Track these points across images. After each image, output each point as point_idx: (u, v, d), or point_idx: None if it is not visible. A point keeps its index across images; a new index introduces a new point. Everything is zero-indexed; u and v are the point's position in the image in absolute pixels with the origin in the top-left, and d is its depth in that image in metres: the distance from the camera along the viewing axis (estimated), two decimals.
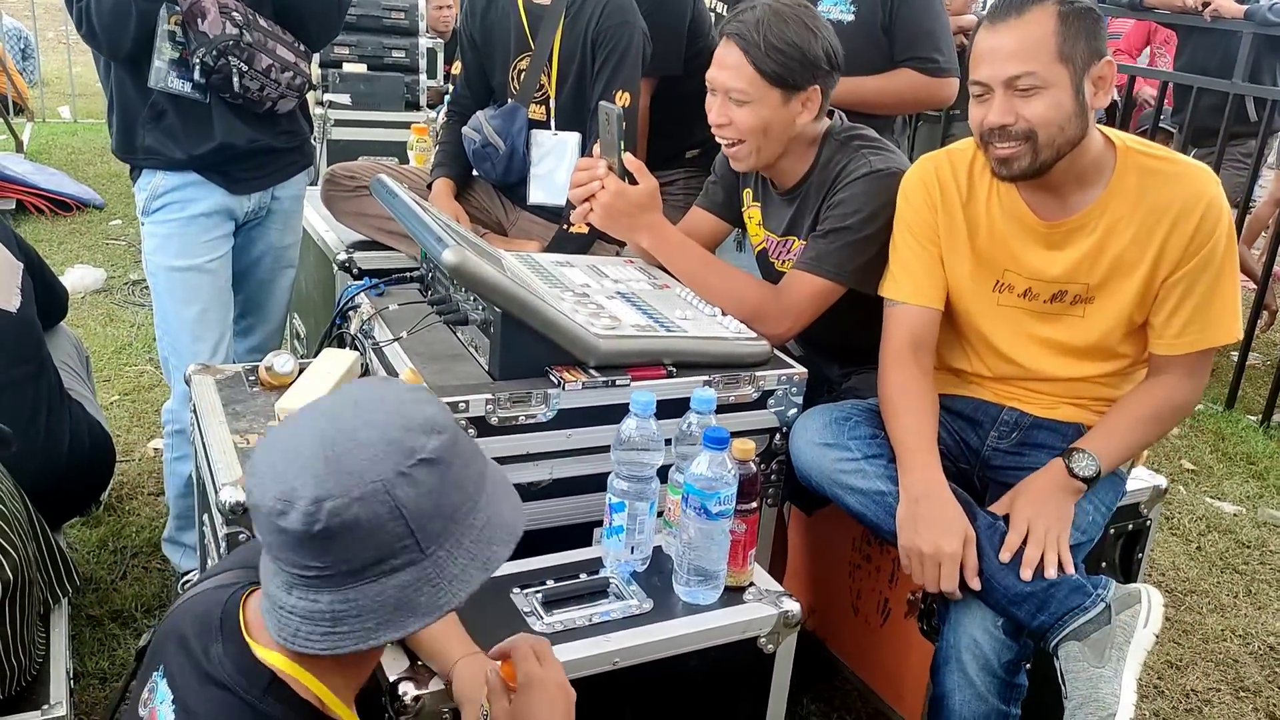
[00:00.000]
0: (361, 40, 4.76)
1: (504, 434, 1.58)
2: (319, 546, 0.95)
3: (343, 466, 0.95)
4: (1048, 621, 1.56)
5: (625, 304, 1.82)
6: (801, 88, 1.84)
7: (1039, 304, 1.75)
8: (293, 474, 0.95)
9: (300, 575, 0.97)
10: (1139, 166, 1.65)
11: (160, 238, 2.20)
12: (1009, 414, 1.82)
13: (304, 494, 0.94)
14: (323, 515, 0.94)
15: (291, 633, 0.99)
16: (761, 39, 1.80)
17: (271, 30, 2.15)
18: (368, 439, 0.97)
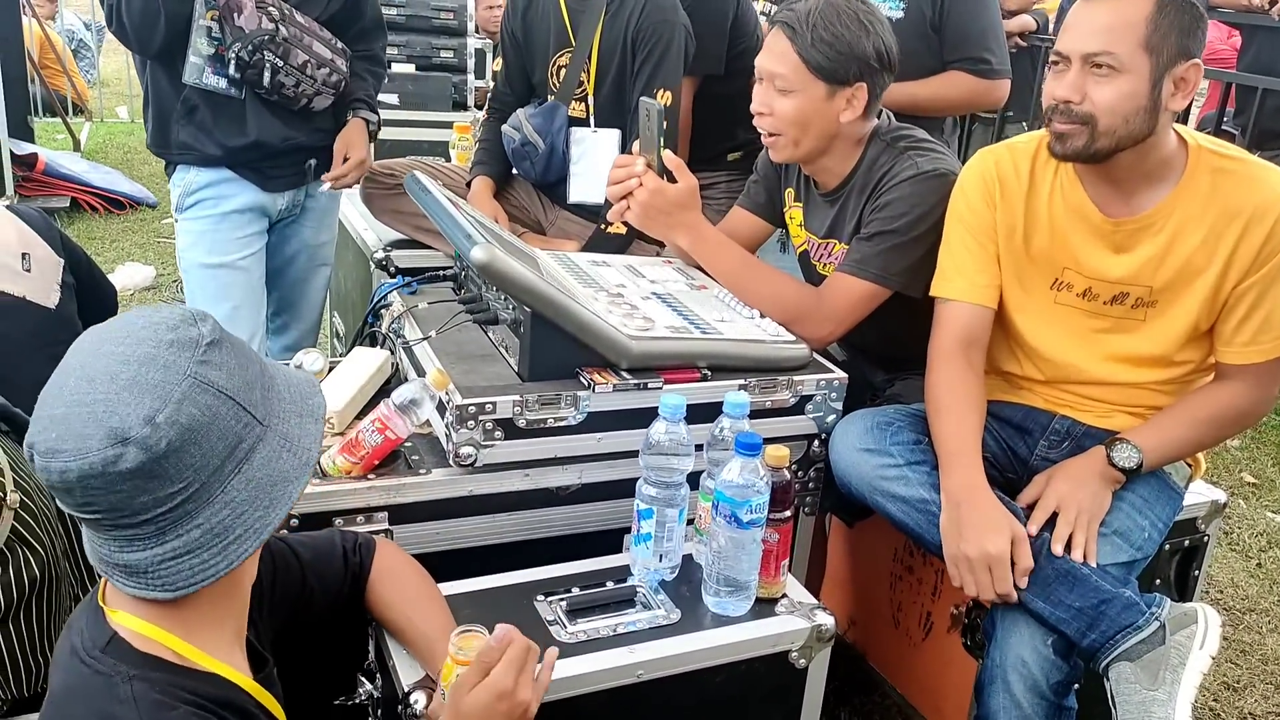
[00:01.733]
0: (410, 40, 4.78)
1: (532, 436, 1.55)
2: (172, 465, 0.92)
3: (145, 384, 0.92)
4: (1098, 640, 1.49)
5: (660, 305, 1.78)
6: (847, 83, 1.79)
7: (1098, 305, 1.67)
8: (101, 415, 0.90)
9: (161, 515, 0.93)
10: (1211, 166, 1.58)
11: (194, 234, 2.21)
12: (1060, 422, 1.75)
13: (131, 422, 0.90)
14: (163, 429, 0.91)
15: (186, 579, 0.96)
16: (810, 28, 1.75)
17: (309, 26, 2.15)
18: (147, 353, 0.94)
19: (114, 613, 1.01)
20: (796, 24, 1.76)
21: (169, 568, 0.96)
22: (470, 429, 1.50)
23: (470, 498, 1.55)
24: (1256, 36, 3.96)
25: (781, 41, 1.79)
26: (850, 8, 1.77)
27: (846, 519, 2.07)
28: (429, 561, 1.52)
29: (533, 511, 1.60)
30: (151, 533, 0.95)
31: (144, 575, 0.97)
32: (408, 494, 1.52)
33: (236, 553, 0.97)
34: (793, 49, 1.77)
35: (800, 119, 1.82)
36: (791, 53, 1.77)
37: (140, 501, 0.93)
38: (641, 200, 1.82)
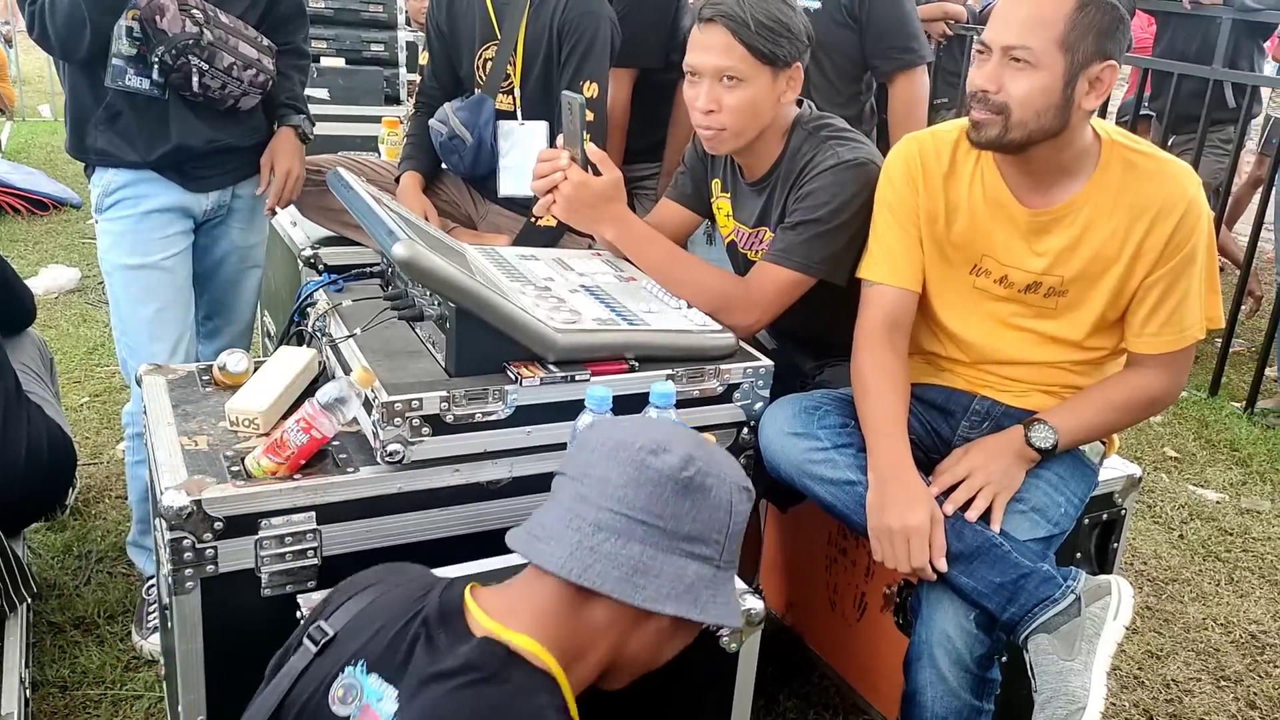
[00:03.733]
0: (339, 34, 4.72)
1: (461, 432, 1.55)
2: (671, 494, 1.03)
3: (712, 454, 1.08)
4: (1018, 614, 1.54)
5: (588, 298, 1.79)
6: (789, 63, 1.83)
7: (1013, 292, 1.72)
8: (666, 434, 1.07)
9: (626, 518, 1.02)
10: (1122, 160, 1.63)
11: (114, 235, 2.15)
12: (980, 403, 1.79)
13: (679, 449, 1.04)
14: (693, 468, 1.04)
15: (583, 567, 1.02)
16: (749, 16, 1.77)
17: (233, 26, 2.11)
18: (724, 457, 1.11)
19: (507, 631, 1.04)
20: (733, 12, 1.78)
21: None
22: (397, 426, 1.50)
23: (400, 495, 1.55)
24: (1170, 23, 4.08)
25: (722, 35, 1.79)
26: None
27: (779, 504, 2.10)
28: (361, 560, 1.53)
29: (465, 506, 1.60)
30: (588, 524, 1.06)
31: None
32: (335, 493, 1.51)
33: (623, 588, 1.04)
34: (736, 40, 1.79)
35: (752, 108, 1.83)
36: (736, 44, 1.79)
37: (622, 494, 1.06)
38: (566, 194, 1.82)
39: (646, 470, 1.03)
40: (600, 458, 1.05)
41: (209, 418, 1.66)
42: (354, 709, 1.01)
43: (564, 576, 1.02)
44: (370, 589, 1.15)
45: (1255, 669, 2.44)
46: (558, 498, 1.10)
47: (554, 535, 1.04)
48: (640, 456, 1.03)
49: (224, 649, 1.51)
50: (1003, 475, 1.64)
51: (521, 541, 1.08)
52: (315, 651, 1.08)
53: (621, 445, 1.04)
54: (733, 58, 1.80)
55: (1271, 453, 3.54)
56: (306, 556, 1.51)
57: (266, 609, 1.50)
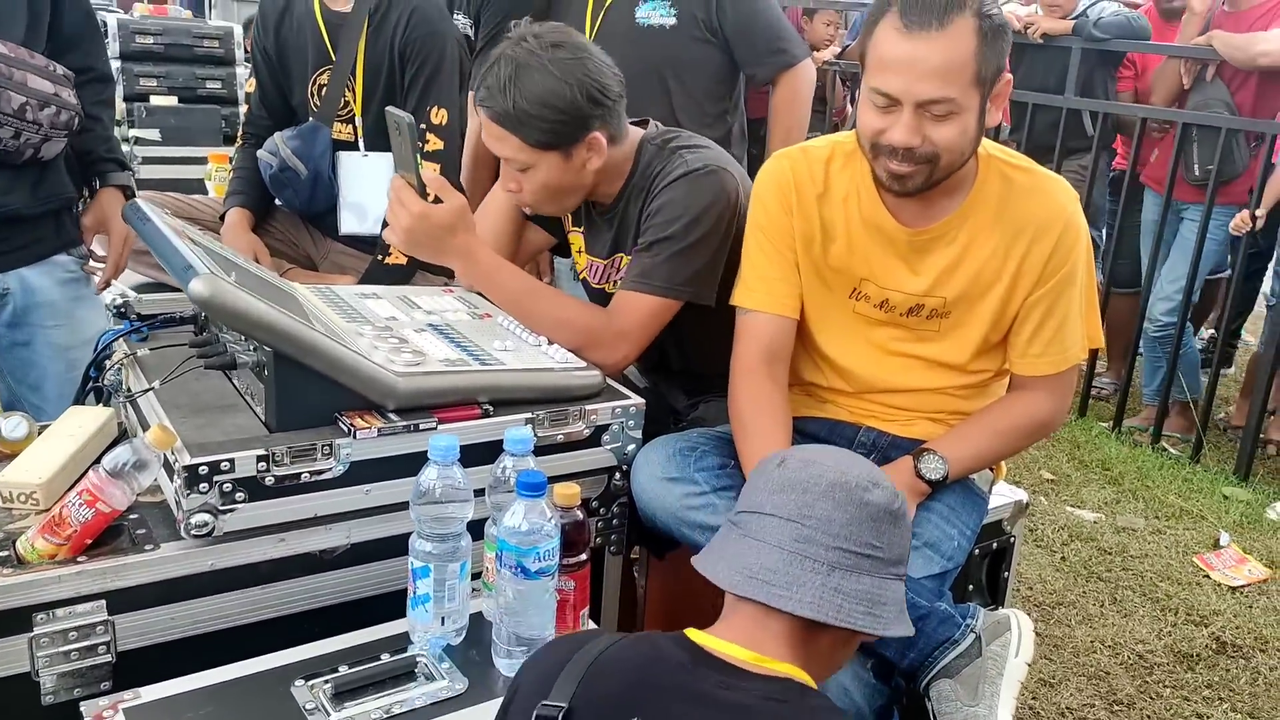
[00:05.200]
0: (171, 70, 4.41)
1: (284, 495, 1.33)
2: (886, 527, 1.09)
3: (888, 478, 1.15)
4: (917, 659, 1.41)
5: (436, 337, 1.60)
6: (578, 139, 1.65)
7: (895, 316, 1.63)
8: (865, 467, 1.14)
9: (853, 554, 1.07)
10: (1000, 175, 1.56)
11: None
12: (866, 434, 1.68)
13: (885, 482, 1.12)
14: (898, 499, 1.12)
15: (835, 608, 1.05)
16: (513, 105, 1.59)
17: (16, 56, 1.75)
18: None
19: (774, 663, 1.05)
20: (499, 107, 1.61)
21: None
22: (204, 493, 1.27)
23: (211, 574, 1.32)
24: (1025, 54, 4.18)
25: (495, 128, 1.64)
26: (539, 61, 1.61)
27: (655, 551, 1.94)
28: (167, 652, 1.29)
29: (293, 581, 1.38)
30: (817, 567, 1.07)
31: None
32: (130, 575, 1.27)
33: (868, 621, 1.09)
34: (510, 134, 1.63)
35: (554, 187, 1.70)
36: (510, 138, 1.63)
37: (850, 530, 1.09)
38: (404, 225, 1.62)
39: (868, 508, 1.09)
40: (816, 499, 1.10)
41: None
42: None
43: (819, 619, 1.05)
44: (572, 659, 1.06)
45: (1146, 691, 2.40)
46: (768, 539, 1.09)
47: (792, 580, 1.06)
48: (859, 495, 1.09)
49: None
50: None
51: (753, 587, 1.07)
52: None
53: (837, 485, 1.10)
54: (510, 149, 1.65)
55: (1141, 470, 3.59)
56: (97, 653, 1.27)
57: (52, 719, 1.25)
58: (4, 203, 1.80)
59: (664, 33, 2.31)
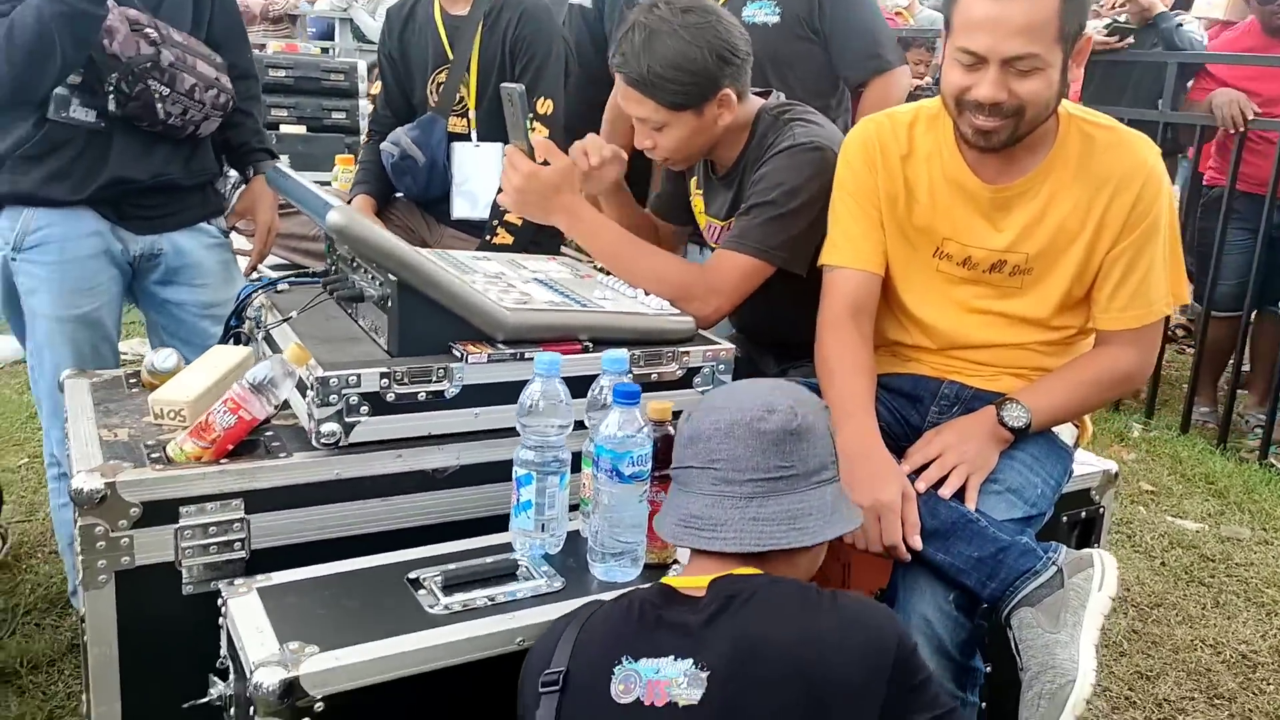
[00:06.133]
0: (300, 101, 4.73)
1: (402, 412, 1.45)
2: (791, 445, 1.19)
3: (793, 390, 1.28)
4: (999, 589, 1.44)
5: (541, 286, 1.72)
6: (709, 98, 1.77)
7: (977, 273, 1.68)
8: (761, 396, 1.23)
9: (765, 480, 1.18)
10: (1080, 132, 1.61)
11: (35, 280, 1.96)
12: (949, 387, 1.73)
13: (781, 404, 1.21)
14: (799, 416, 1.20)
15: (756, 536, 1.17)
16: (647, 69, 1.72)
17: (189, 44, 1.99)
18: (800, 390, 1.29)
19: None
20: (634, 72, 1.73)
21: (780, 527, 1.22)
22: (333, 404, 1.40)
23: (337, 482, 1.44)
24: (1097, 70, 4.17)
25: (632, 92, 1.77)
26: (670, 26, 1.72)
27: None
28: (295, 554, 1.42)
29: (408, 497, 1.50)
30: (735, 503, 1.21)
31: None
32: (265, 478, 1.40)
33: (793, 537, 1.21)
34: (646, 97, 1.76)
35: (683, 144, 1.82)
36: (646, 100, 1.76)
37: (758, 459, 1.21)
38: (515, 185, 1.77)
39: (766, 436, 1.18)
40: (719, 442, 1.20)
41: (132, 414, 1.57)
42: (640, 690, 1.10)
43: (745, 551, 1.17)
44: (565, 630, 1.19)
45: (1249, 687, 2.33)
46: (695, 487, 1.22)
47: (717, 522, 1.19)
48: (756, 427, 1.19)
49: (142, 653, 1.38)
50: (976, 455, 1.57)
51: (687, 535, 1.22)
52: (560, 689, 1.13)
53: (734, 424, 1.19)
54: (646, 110, 1.77)
55: (1248, 483, 3.49)
56: (233, 549, 1.40)
57: (188, 609, 1.38)
58: (165, 172, 2.01)
59: (767, 30, 2.41)
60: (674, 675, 1.10)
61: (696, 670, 1.09)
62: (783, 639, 1.09)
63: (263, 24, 7.69)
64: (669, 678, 1.10)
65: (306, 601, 1.27)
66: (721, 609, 1.13)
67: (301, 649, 1.16)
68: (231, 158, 2.23)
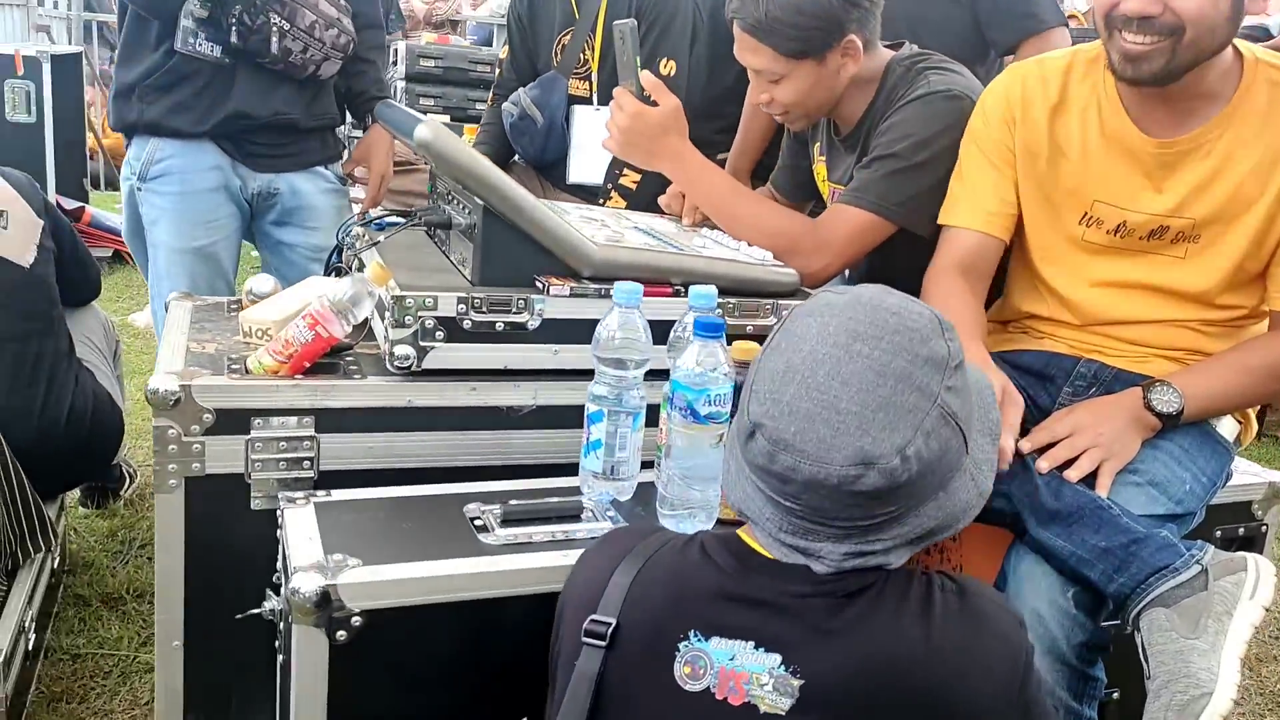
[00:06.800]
0: (447, 92, 4.83)
1: (479, 341, 1.40)
2: (899, 493, 0.94)
3: (900, 407, 0.93)
4: (1128, 585, 1.25)
5: (639, 233, 1.64)
6: (832, 45, 1.65)
7: (1133, 241, 1.49)
8: (853, 430, 0.92)
9: (857, 526, 0.95)
10: (1269, 81, 1.40)
11: (157, 210, 2.05)
12: (1086, 365, 1.54)
13: (883, 449, 0.91)
14: (910, 463, 0.92)
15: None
16: (765, 15, 1.60)
17: None
18: (903, 369, 0.93)
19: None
20: (750, 17, 1.62)
21: (853, 563, 0.95)
22: (408, 326, 1.35)
23: (409, 409, 1.40)
24: None
25: (746, 37, 1.66)
26: None
27: None
28: (363, 479, 1.37)
29: (481, 433, 1.44)
30: (834, 535, 0.95)
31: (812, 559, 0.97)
32: (337, 397, 1.37)
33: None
34: (763, 44, 1.64)
35: (803, 97, 1.70)
36: (763, 48, 1.64)
37: (850, 512, 0.94)
38: (621, 125, 1.69)
39: (855, 497, 0.94)
40: (796, 490, 0.96)
41: (225, 332, 1.56)
42: (711, 678, 0.95)
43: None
44: (620, 567, 1.03)
45: None
46: (769, 503, 1.00)
47: (808, 550, 0.98)
48: (841, 490, 0.94)
49: (207, 565, 1.36)
50: (1114, 440, 1.38)
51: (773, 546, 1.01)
52: (606, 645, 0.98)
53: (813, 482, 0.94)
54: (763, 59, 1.65)
55: None
56: (301, 467, 1.37)
57: (255, 524, 1.36)
58: (285, 111, 2.05)
59: None
60: (755, 670, 0.94)
61: (786, 674, 0.92)
62: (906, 656, 0.92)
63: (425, 28, 7.98)
64: (748, 671, 0.94)
65: (361, 519, 1.22)
66: (827, 608, 0.94)
67: (344, 560, 1.10)
68: (352, 106, 2.25)
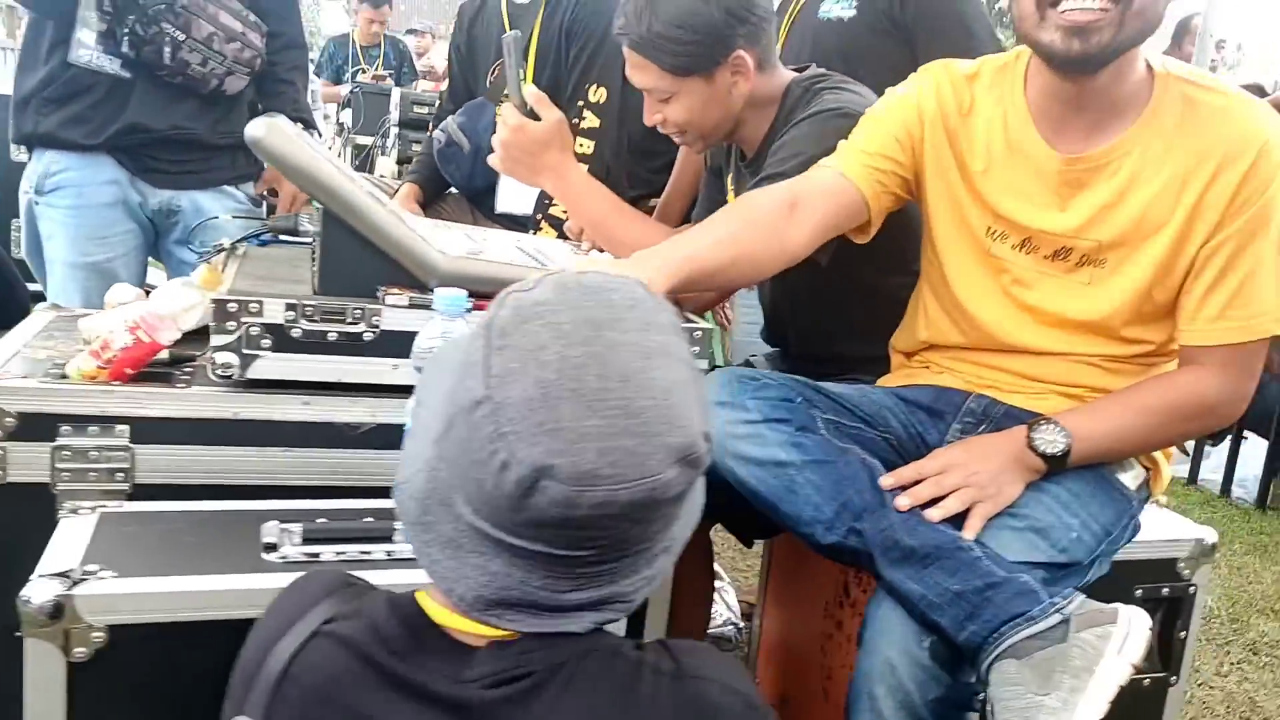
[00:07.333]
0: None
1: (311, 352, 1.32)
2: (697, 484, 0.83)
3: (681, 382, 0.79)
4: (979, 633, 1.13)
5: (515, 250, 1.56)
6: (720, 61, 1.58)
7: (1037, 259, 1.38)
8: (660, 433, 0.76)
9: (640, 552, 0.82)
10: (1181, 95, 1.30)
11: (53, 224, 2.01)
12: (976, 401, 1.43)
13: (691, 437, 0.78)
14: (710, 442, 0.81)
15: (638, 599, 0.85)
16: (648, 30, 1.54)
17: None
18: (659, 342, 0.80)
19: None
20: (634, 31, 1.56)
21: (639, 594, 0.83)
22: (230, 331, 1.28)
23: (236, 422, 1.31)
24: None
25: (635, 57, 1.60)
26: None
27: (740, 535, 1.74)
28: (187, 494, 1.29)
29: (316, 451, 1.35)
30: (610, 574, 0.81)
31: (606, 607, 0.82)
32: (156, 406, 1.29)
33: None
34: (649, 62, 1.58)
35: (695, 116, 1.63)
36: (650, 65, 1.58)
37: (644, 530, 0.80)
38: (503, 140, 1.63)
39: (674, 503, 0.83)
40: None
41: (69, 340, 1.50)
42: None
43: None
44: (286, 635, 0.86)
45: None
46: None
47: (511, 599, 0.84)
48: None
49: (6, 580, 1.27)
50: (989, 481, 1.26)
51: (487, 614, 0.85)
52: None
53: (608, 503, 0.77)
54: (650, 77, 1.59)
55: None
56: (115, 479, 1.29)
57: None
58: (186, 126, 2.02)
59: (841, 25, 2.20)
60: None
61: None
62: None
63: (445, 81, 8.11)
64: None
65: (144, 531, 1.14)
66: (509, 696, 0.78)
67: (96, 571, 1.02)
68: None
